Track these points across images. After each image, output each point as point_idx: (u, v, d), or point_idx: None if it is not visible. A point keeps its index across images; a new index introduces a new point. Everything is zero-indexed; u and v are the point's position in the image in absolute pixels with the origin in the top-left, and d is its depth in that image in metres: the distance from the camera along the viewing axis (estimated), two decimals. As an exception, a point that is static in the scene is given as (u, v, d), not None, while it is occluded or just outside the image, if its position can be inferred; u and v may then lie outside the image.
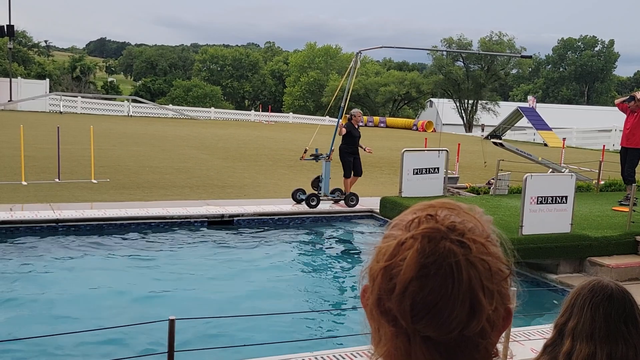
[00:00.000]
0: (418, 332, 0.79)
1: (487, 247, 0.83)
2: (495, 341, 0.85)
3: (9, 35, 41.07)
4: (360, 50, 13.70)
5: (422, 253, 0.80)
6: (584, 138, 38.71)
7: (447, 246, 0.80)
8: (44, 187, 12.61)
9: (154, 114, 43.29)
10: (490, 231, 0.87)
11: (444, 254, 0.79)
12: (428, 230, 0.82)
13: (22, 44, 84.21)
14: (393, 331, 0.81)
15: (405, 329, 0.80)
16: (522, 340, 5.90)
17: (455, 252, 0.79)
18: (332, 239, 11.14)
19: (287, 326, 6.62)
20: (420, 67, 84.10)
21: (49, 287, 7.62)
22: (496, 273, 0.82)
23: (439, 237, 0.81)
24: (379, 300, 0.82)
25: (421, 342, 0.80)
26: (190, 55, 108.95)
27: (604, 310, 1.77)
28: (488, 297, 0.80)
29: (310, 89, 69.61)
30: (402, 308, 0.79)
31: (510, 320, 0.86)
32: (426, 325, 0.79)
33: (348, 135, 12.64)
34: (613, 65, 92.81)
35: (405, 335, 0.80)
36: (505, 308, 0.84)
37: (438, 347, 0.80)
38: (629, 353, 1.74)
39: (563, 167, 15.14)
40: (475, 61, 57.30)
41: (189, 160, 18.53)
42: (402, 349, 0.81)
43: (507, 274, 0.84)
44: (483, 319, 0.79)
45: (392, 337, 0.82)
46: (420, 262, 0.79)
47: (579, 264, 8.75)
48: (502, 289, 0.83)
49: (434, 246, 0.80)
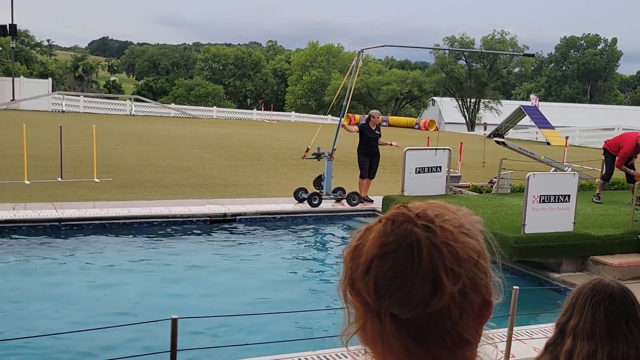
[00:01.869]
0: (385, 309, 0.82)
1: (456, 235, 0.85)
2: (470, 326, 0.85)
3: (11, 34, 41.13)
4: (362, 49, 13.69)
5: (383, 233, 0.84)
6: (587, 137, 38.64)
7: (409, 228, 0.83)
8: (47, 186, 12.63)
9: (157, 113, 43.31)
10: (468, 224, 0.88)
11: (404, 234, 0.83)
12: (394, 214, 0.86)
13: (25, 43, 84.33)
14: (364, 311, 0.85)
15: (375, 309, 0.83)
16: (525, 339, 5.90)
17: (417, 233, 0.83)
18: (334, 238, 11.13)
19: (290, 325, 6.62)
20: (422, 65, 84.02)
21: (51, 286, 7.64)
22: (464, 259, 0.83)
23: (403, 220, 0.85)
24: (351, 280, 0.86)
25: (390, 321, 0.83)
26: (192, 54, 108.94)
27: (604, 309, 1.78)
28: (452, 279, 0.82)
29: (312, 87, 69.61)
30: (367, 285, 0.83)
31: (489, 312, 0.87)
32: (390, 302, 0.82)
33: (361, 136, 12.65)
34: (616, 63, 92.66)
35: (376, 315, 0.84)
36: (483, 299, 0.86)
37: (407, 327, 0.82)
38: (630, 352, 1.74)
39: (566, 166, 15.12)
40: (478, 60, 57.23)
41: (192, 159, 18.54)
42: (375, 329, 0.85)
43: (477, 259, 0.85)
44: (445, 298, 0.81)
45: (364, 316, 0.85)
46: (381, 240, 0.84)
47: (582, 262, 8.74)
48: (474, 276, 0.84)
49: (396, 227, 0.84)
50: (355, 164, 13.47)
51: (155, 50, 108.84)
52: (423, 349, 0.83)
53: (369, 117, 12.99)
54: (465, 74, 57.18)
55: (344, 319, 0.90)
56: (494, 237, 0.93)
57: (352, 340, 0.90)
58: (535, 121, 37.44)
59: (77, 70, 77.47)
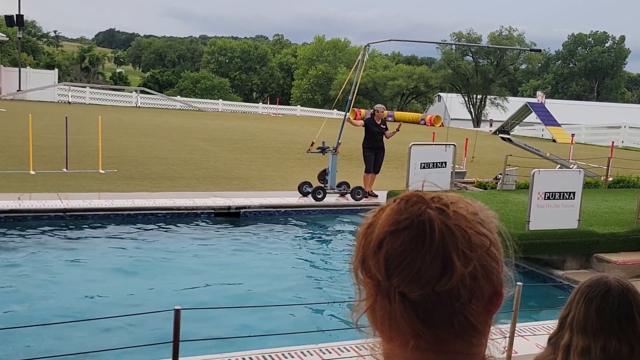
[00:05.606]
0: (394, 288, 0.82)
1: (469, 220, 0.85)
2: (478, 312, 0.85)
3: (18, 25, 41.16)
4: (368, 44, 13.65)
5: (397, 211, 0.85)
6: (593, 134, 38.48)
7: (422, 208, 0.84)
8: (52, 177, 12.67)
9: (162, 105, 43.33)
10: (483, 215, 0.88)
11: (417, 213, 0.84)
12: (408, 195, 0.87)
13: (32, 34, 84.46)
14: (375, 289, 0.85)
15: (385, 288, 0.83)
16: (527, 336, 5.90)
17: (430, 214, 0.83)
18: (338, 232, 11.14)
19: (292, 317, 6.63)
20: (429, 61, 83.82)
21: (56, 276, 7.67)
22: (477, 244, 0.84)
23: (417, 200, 0.86)
24: (363, 259, 0.86)
25: (399, 301, 0.82)
26: (198, 47, 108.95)
27: (596, 305, 1.78)
28: (462, 261, 0.82)
29: (318, 82, 69.52)
30: (378, 262, 0.83)
31: (499, 301, 0.87)
32: (399, 279, 0.82)
33: (367, 130, 12.67)
34: (623, 61, 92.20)
35: (386, 294, 0.83)
36: (494, 288, 0.86)
37: (415, 307, 0.82)
38: (623, 349, 1.74)
39: (571, 163, 15.08)
40: (485, 56, 57.02)
41: (196, 151, 18.55)
42: (383, 308, 0.84)
43: (488, 247, 0.85)
44: (455, 278, 0.81)
45: (374, 295, 0.85)
46: (394, 218, 0.84)
47: (586, 260, 8.73)
48: (486, 264, 0.84)
49: (410, 206, 0.85)
50: (360, 159, 13.46)
51: (161, 42, 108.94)
52: (430, 331, 0.83)
53: (373, 112, 13.00)
54: (472, 70, 56.94)
55: (355, 298, 0.89)
56: (509, 234, 0.93)
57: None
58: (541, 118, 37.29)
59: (83, 61, 77.61)
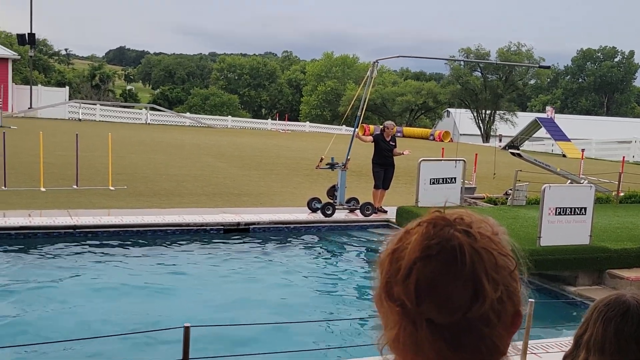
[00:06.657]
0: (423, 315, 0.81)
1: (494, 240, 0.84)
2: (503, 335, 0.84)
3: (30, 43, 41.61)
4: (377, 60, 13.68)
5: (426, 235, 0.83)
6: (603, 149, 38.32)
7: (451, 232, 0.83)
8: (62, 194, 12.72)
9: (172, 122, 43.56)
10: (500, 232, 0.88)
11: (447, 237, 0.82)
12: (434, 218, 0.85)
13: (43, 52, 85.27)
14: (400, 316, 0.83)
15: (412, 314, 0.81)
16: (540, 353, 5.83)
17: (459, 238, 0.82)
18: (348, 248, 11.10)
19: (301, 335, 6.59)
20: (437, 77, 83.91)
21: (65, 292, 7.67)
22: (502, 267, 0.83)
23: (444, 224, 0.84)
24: (387, 285, 0.84)
25: (426, 327, 0.81)
26: (208, 64, 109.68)
27: (615, 325, 1.75)
28: (492, 285, 0.81)
29: (327, 98, 69.75)
30: (407, 289, 0.81)
31: (519, 322, 0.87)
32: (429, 306, 0.80)
33: (376, 146, 12.71)
34: (633, 76, 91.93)
35: (411, 320, 0.82)
36: (516, 309, 0.85)
37: (443, 332, 0.80)
38: None
39: (582, 178, 15.00)
40: (493, 71, 57.07)
41: (206, 168, 18.60)
42: (408, 335, 0.82)
43: (513, 269, 0.84)
44: (486, 305, 0.80)
45: (400, 322, 0.83)
46: (424, 243, 0.82)
47: (598, 276, 8.64)
48: (509, 285, 0.84)
49: (438, 230, 0.83)
50: (369, 174, 13.44)
51: (171, 59, 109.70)
52: (457, 356, 0.82)
53: (383, 128, 13.02)
54: (481, 86, 56.98)
55: (378, 325, 0.88)
56: (520, 249, 0.92)
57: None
58: (551, 133, 36.95)
59: (94, 79, 78.20)
